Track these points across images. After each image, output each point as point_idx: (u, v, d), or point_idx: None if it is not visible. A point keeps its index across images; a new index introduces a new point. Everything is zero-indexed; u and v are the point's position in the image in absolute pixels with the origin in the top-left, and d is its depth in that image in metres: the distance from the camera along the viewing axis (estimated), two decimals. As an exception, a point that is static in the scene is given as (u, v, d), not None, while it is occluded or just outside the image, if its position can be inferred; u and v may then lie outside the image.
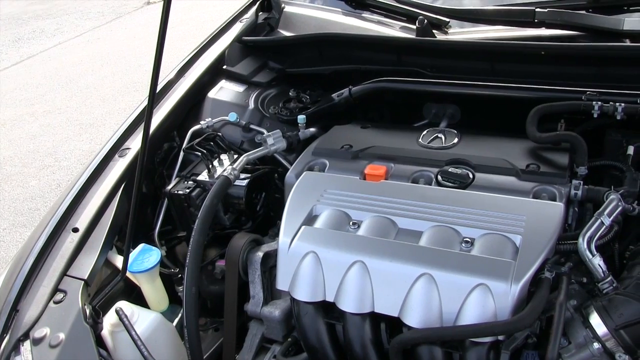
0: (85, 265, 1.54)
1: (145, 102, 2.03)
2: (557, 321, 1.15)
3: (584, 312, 1.22)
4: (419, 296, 1.25)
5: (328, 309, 1.39)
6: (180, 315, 1.70)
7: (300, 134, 1.87)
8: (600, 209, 1.30)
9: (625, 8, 1.91)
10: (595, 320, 1.19)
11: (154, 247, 1.67)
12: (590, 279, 1.29)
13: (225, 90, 2.16)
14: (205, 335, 1.79)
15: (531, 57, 1.81)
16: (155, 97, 1.31)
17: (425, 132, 1.74)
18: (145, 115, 1.34)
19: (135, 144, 1.89)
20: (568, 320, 1.23)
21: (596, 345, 1.17)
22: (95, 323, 1.42)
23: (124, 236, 1.58)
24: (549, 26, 1.91)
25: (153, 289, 1.67)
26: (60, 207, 1.66)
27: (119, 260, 1.63)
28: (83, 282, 1.49)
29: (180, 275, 1.75)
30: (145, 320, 1.52)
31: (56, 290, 1.47)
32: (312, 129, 1.91)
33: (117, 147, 1.87)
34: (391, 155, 1.63)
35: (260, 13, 2.46)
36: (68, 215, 1.65)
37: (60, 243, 1.58)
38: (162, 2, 1.14)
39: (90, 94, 6.37)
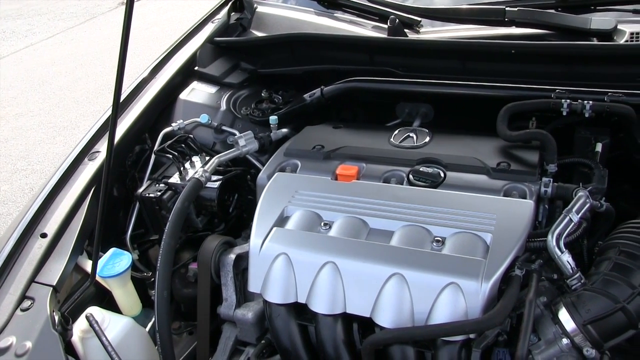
0: (54, 271, 1.51)
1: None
2: (527, 318, 1.17)
3: (554, 309, 1.23)
4: (390, 296, 1.25)
5: (300, 311, 1.38)
6: (153, 319, 1.68)
7: (272, 134, 1.87)
8: (569, 206, 1.31)
9: (593, 7, 1.93)
10: (563, 316, 1.20)
11: (125, 251, 1.65)
12: (561, 276, 1.31)
13: (197, 92, 2.14)
14: (179, 339, 1.78)
15: (501, 56, 1.82)
16: (119, 101, 1.30)
17: (396, 131, 1.74)
18: (110, 121, 1.32)
19: (105, 147, 1.86)
20: (538, 317, 1.24)
21: (565, 340, 1.18)
22: (64, 330, 1.39)
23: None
24: (519, 25, 1.93)
25: (125, 294, 1.65)
26: (28, 212, 1.63)
27: (89, 265, 1.60)
28: (52, 288, 1.46)
29: (153, 279, 1.73)
30: (116, 325, 1.49)
31: (23, 297, 1.44)
32: (284, 130, 1.91)
33: (86, 151, 1.84)
34: (363, 155, 1.63)
35: (233, 13, 2.45)
36: (36, 220, 1.62)
37: (28, 249, 1.55)
38: (125, 5, 1.12)
39: (64, 96, 6.28)
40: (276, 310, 1.38)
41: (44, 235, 1.59)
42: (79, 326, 1.45)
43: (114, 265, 1.60)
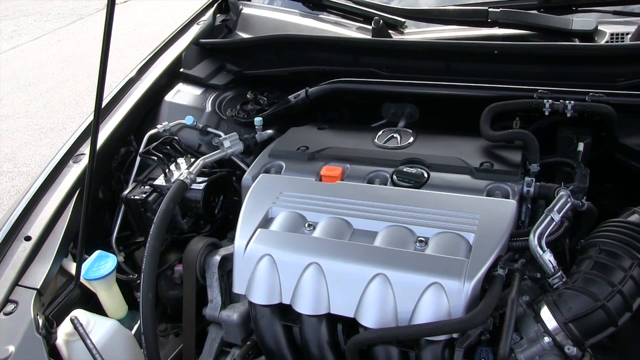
0: (38, 274, 1.51)
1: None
2: (509, 317, 1.18)
3: (536, 308, 1.24)
4: (373, 296, 1.26)
5: (285, 312, 1.39)
6: (139, 321, 1.68)
7: (257, 136, 1.87)
8: (550, 206, 1.32)
9: (574, 8, 1.96)
10: (545, 315, 1.21)
11: (110, 254, 1.65)
12: (544, 275, 1.32)
13: (182, 94, 2.14)
14: (166, 341, 1.77)
15: (485, 56, 1.84)
16: (101, 105, 1.29)
17: (380, 132, 1.75)
18: (92, 125, 1.32)
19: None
20: (520, 315, 1.25)
21: (547, 339, 1.20)
22: (48, 333, 1.39)
23: None
24: (501, 26, 1.95)
25: (110, 296, 1.65)
26: (12, 215, 1.62)
27: (74, 268, 1.60)
28: (36, 291, 1.45)
29: (138, 281, 1.72)
30: (101, 328, 1.49)
31: (7, 301, 1.43)
32: (269, 131, 1.91)
33: (71, 153, 1.84)
34: (347, 156, 1.64)
35: (218, 15, 2.45)
36: (20, 223, 1.61)
37: (11, 252, 1.54)
38: (106, 6, 1.12)
39: (51, 98, 6.25)
40: (261, 311, 1.39)
41: (28, 239, 1.58)
42: (64, 329, 1.45)
43: (99, 267, 1.59)
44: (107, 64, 1.22)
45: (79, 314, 1.48)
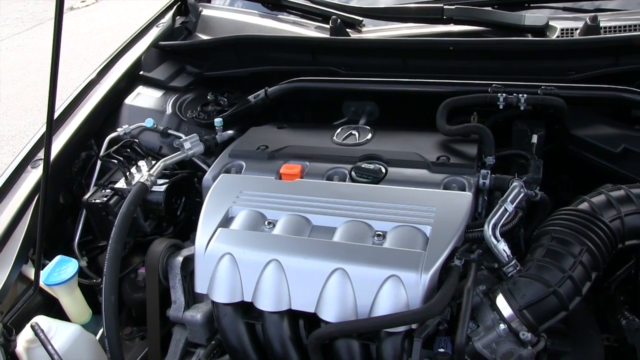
0: None
1: (60, 110, 1.99)
2: (465, 306, 1.20)
3: (492, 296, 1.27)
4: (333, 291, 1.27)
5: (247, 309, 1.40)
6: (103, 325, 1.67)
7: (217, 137, 1.87)
8: (504, 197, 1.35)
9: (527, 5, 2.00)
10: (501, 302, 1.23)
11: (71, 258, 1.64)
12: (500, 265, 1.35)
13: (142, 96, 2.14)
14: (132, 345, 1.77)
15: (440, 53, 1.87)
16: (54, 110, 1.29)
17: (339, 129, 1.77)
18: (46, 129, 1.31)
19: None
20: (477, 304, 1.28)
21: (502, 326, 1.22)
22: (7, 341, 1.37)
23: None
24: (456, 22, 1.99)
25: (73, 301, 1.64)
26: (-31, 222, 1.60)
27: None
28: None
29: (102, 285, 1.72)
30: (63, 333, 1.48)
31: None
32: (230, 132, 1.91)
33: (29, 159, 1.82)
34: (306, 154, 1.65)
35: (178, 17, 2.45)
36: (-23, 230, 1.59)
37: None
38: (55, 8, 1.11)
39: (12, 105, 6.13)
40: (223, 310, 1.39)
41: (-15, 246, 1.56)
42: (24, 336, 1.44)
43: (60, 272, 1.58)
44: (58, 68, 1.21)
45: (40, 320, 1.47)
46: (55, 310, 1.66)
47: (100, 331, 1.67)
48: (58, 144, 1.86)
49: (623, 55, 1.72)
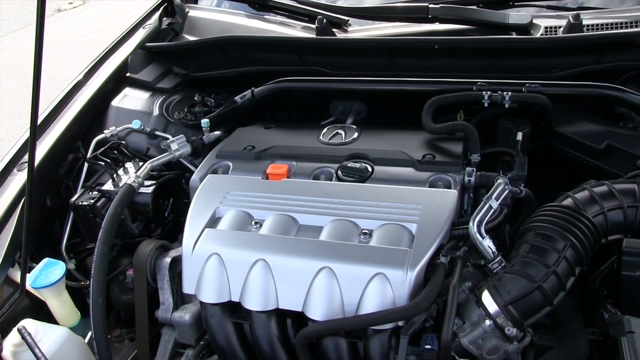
0: None
1: (46, 112, 1.99)
2: (451, 303, 1.21)
3: (477, 292, 1.28)
4: (320, 289, 1.28)
5: (235, 309, 1.40)
6: (92, 327, 1.67)
7: (204, 137, 1.87)
8: (488, 194, 1.37)
9: (511, 3, 2.02)
10: (486, 299, 1.25)
11: (58, 261, 1.63)
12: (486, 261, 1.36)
13: (129, 98, 2.13)
14: (121, 346, 1.77)
15: (426, 52, 1.88)
16: (37, 112, 1.29)
17: (325, 129, 1.78)
18: (30, 131, 1.31)
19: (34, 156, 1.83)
20: (463, 301, 1.29)
21: (488, 322, 1.24)
22: (-7, 345, 1.37)
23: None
24: (442, 21, 2.00)
25: (60, 304, 1.64)
26: (-45, 226, 1.60)
27: (21, 277, 1.59)
28: None
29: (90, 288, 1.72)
30: (51, 336, 1.47)
31: None
32: (217, 132, 1.92)
33: (15, 161, 1.82)
34: (292, 153, 1.66)
35: (164, 18, 2.44)
36: (-37, 234, 1.59)
37: None
38: (36, 9, 1.11)
39: (-1, 108, 6.10)
40: (211, 310, 1.40)
41: (-29, 249, 1.56)
42: (11, 340, 1.43)
43: (47, 275, 1.58)
44: (40, 70, 1.21)
45: (27, 323, 1.47)
46: (43, 313, 1.66)
47: (89, 334, 1.67)
48: (44, 146, 1.85)
49: (606, 52, 1.74)
